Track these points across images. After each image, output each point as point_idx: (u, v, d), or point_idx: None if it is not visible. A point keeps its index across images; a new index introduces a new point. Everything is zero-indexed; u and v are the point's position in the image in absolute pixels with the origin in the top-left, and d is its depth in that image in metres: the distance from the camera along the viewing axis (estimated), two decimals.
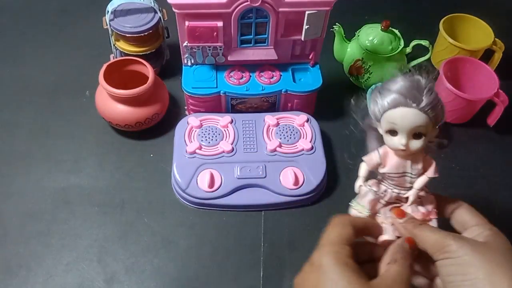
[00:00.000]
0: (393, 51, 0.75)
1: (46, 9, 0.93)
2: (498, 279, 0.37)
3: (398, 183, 0.44)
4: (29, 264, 0.59)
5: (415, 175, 0.43)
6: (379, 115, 0.41)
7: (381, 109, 0.41)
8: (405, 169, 0.43)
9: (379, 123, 0.42)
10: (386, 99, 0.40)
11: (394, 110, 0.40)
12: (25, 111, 0.75)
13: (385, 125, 0.41)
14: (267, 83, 0.69)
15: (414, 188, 0.43)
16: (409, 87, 0.39)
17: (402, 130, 0.40)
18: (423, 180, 0.43)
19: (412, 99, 0.39)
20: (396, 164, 0.43)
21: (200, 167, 0.64)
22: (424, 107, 0.39)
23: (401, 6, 0.97)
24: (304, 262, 0.60)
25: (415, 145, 0.41)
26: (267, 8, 0.61)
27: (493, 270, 0.37)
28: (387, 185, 0.44)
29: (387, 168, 0.43)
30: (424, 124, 0.40)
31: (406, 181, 0.43)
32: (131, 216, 0.63)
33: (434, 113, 0.40)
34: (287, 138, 0.67)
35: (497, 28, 0.80)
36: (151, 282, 0.58)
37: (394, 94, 0.40)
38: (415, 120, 0.39)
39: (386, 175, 0.44)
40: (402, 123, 0.40)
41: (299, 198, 0.64)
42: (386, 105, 0.40)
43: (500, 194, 0.68)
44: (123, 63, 0.71)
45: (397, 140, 0.41)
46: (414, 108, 0.39)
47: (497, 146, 0.74)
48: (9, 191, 0.65)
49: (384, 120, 0.41)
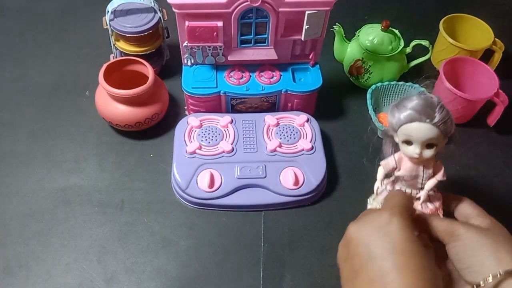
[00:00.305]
0: (393, 51, 0.75)
1: (46, 9, 0.93)
2: (503, 255, 0.41)
3: (410, 184, 0.50)
4: (29, 264, 0.59)
5: (427, 177, 0.49)
6: (396, 127, 0.47)
7: (398, 123, 0.46)
8: (418, 173, 0.49)
9: (395, 133, 0.48)
10: (403, 114, 0.46)
11: (410, 124, 0.46)
12: (25, 111, 0.75)
13: (402, 137, 0.47)
14: (267, 83, 0.69)
15: (425, 189, 0.50)
16: (423, 105, 0.45)
17: (416, 141, 0.46)
18: (433, 182, 0.50)
19: (426, 115, 0.45)
20: (410, 168, 0.49)
21: (200, 167, 0.64)
22: (436, 122, 0.45)
23: (401, 6, 0.97)
24: (304, 262, 0.60)
25: (427, 154, 0.47)
26: (267, 8, 0.61)
27: (498, 248, 0.42)
28: (401, 186, 0.51)
29: (401, 172, 0.49)
30: (436, 136, 0.46)
31: (418, 183, 0.50)
32: (131, 216, 0.63)
33: (445, 127, 0.46)
34: (287, 138, 0.67)
35: (497, 28, 0.80)
36: (151, 282, 0.58)
37: (410, 110, 0.45)
38: (428, 134, 0.45)
39: (401, 178, 0.50)
40: (417, 135, 0.46)
41: (299, 198, 0.64)
42: (403, 119, 0.46)
43: (500, 194, 0.68)
44: (123, 63, 0.71)
45: (412, 149, 0.47)
46: (428, 123, 0.45)
47: (497, 146, 0.74)
48: (9, 191, 0.65)
49: (400, 132, 0.47)
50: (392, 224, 0.41)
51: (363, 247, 0.41)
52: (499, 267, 0.41)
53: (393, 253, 0.40)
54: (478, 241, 0.43)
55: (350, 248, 0.43)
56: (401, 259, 0.39)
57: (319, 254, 0.60)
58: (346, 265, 0.43)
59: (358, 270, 0.41)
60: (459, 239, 0.44)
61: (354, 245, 0.42)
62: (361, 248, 0.42)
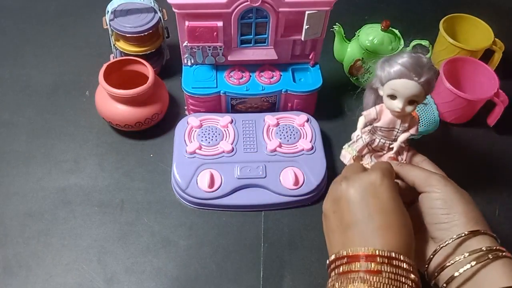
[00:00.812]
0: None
1: (46, 9, 0.93)
2: (471, 216, 0.45)
3: (386, 135, 0.55)
4: (29, 264, 0.59)
5: (401, 131, 0.54)
6: (384, 81, 0.50)
7: (387, 77, 0.49)
8: (395, 125, 0.54)
9: (382, 86, 0.51)
10: (393, 69, 0.49)
11: (399, 80, 0.49)
12: (25, 111, 0.75)
13: (388, 91, 0.50)
14: (267, 83, 0.69)
15: (398, 141, 0.54)
16: (414, 63, 0.48)
17: (401, 96, 0.50)
18: (406, 136, 0.54)
19: (415, 73, 0.48)
20: (388, 120, 0.54)
21: (200, 167, 0.64)
22: (422, 81, 0.48)
23: (401, 6, 0.97)
24: (304, 262, 0.60)
25: (409, 109, 0.51)
26: (267, 8, 0.61)
27: (469, 208, 0.45)
28: (377, 136, 0.56)
29: (380, 123, 0.54)
30: (419, 94, 0.49)
31: (393, 135, 0.55)
32: (131, 216, 0.63)
33: (429, 87, 0.50)
34: (287, 138, 0.67)
35: (497, 28, 0.80)
36: (151, 282, 0.58)
37: (400, 66, 0.48)
38: (413, 91, 0.49)
39: (378, 128, 0.55)
40: (403, 91, 0.49)
41: (299, 198, 0.64)
42: (393, 74, 0.49)
43: (500, 194, 0.68)
44: (123, 63, 0.71)
45: (395, 103, 0.50)
46: (415, 81, 0.48)
47: (497, 146, 0.74)
48: (9, 191, 0.65)
49: (387, 86, 0.50)
50: (382, 185, 0.45)
51: (355, 205, 0.45)
52: (466, 228, 0.45)
53: (383, 212, 0.44)
54: (454, 197, 0.46)
55: (340, 203, 0.46)
56: (390, 217, 0.44)
57: (319, 254, 0.60)
58: (335, 217, 0.47)
59: (349, 225, 0.45)
60: (436, 190, 0.47)
61: (345, 201, 0.46)
62: (352, 206, 0.45)
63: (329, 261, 0.46)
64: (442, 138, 0.74)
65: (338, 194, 0.47)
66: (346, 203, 0.46)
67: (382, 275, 0.41)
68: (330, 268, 0.46)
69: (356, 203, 0.45)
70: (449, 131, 0.75)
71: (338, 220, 0.46)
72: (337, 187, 0.47)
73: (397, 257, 0.42)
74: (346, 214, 0.46)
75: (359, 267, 0.42)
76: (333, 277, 0.44)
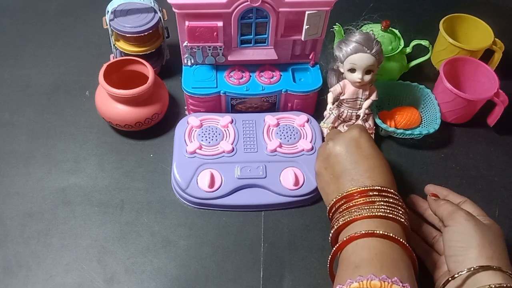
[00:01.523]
0: (393, 51, 0.75)
1: (46, 9, 0.93)
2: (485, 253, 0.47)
3: (352, 105, 0.67)
4: (29, 264, 0.59)
5: (364, 99, 0.66)
6: (343, 58, 0.62)
7: (346, 54, 0.62)
8: (358, 95, 0.66)
9: (342, 64, 0.63)
10: (350, 47, 0.61)
11: (356, 55, 0.61)
12: (25, 111, 0.75)
13: (347, 66, 0.63)
14: (267, 83, 0.69)
15: (363, 108, 0.67)
16: (365, 39, 0.61)
17: (359, 68, 0.62)
18: (368, 102, 0.67)
19: (367, 47, 0.61)
20: (352, 92, 0.66)
21: (200, 167, 0.64)
22: (374, 53, 0.61)
23: (401, 6, 0.97)
24: (304, 262, 0.60)
25: (367, 78, 0.63)
26: (267, 8, 0.61)
27: (484, 245, 0.48)
28: (344, 108, 0.68)
29: (346, 95, 0.66)
30: (374, 63, 0.62)
31: (357, 104, 0.67)
32: (131, 216, 0.63)
33: (379, 57, 0.62)
34: (287, 138, 0.67)
35: (497, 28, 0.80)
36: (151, 282, 0.58)
37: (355, 43, 0.61)
38: (368, 61, 0.61)
39: (345, 100, 0.67)
40: (360, 63, 0.62)
41: (299, 199, 0.64)
42: (350, 51, 0.61)
43: (500, 194, 0.68)
44: (123, 63, 0.71)
45: (356, 75, 0.63)
46: (368, 53, 0.61)
47: (497, 146, 0.74)
48: (9, 191, 0.65)
49: (347, 62, 0.62)
50: (362, 138, 0.55)
51: (342, 157, 0.54)
52: (478, 262, 0.47)
53: (366, 158, 0.53)
54: (473, 232, 0.49)
55: (330, 159, 0.55)
56: (373, 161, 0.53)
57: (319, 254, 0.60)
58: (327, 171, 0.56)
59: (340, 174, 0.54)
60: (458, 223, 0.51)
61: (334, 156, 0.55)
62: (340, 158, 0.54)
63: (329, 207, 0.54)
64: (442, 138, 0.74)
65: (327, 152, 0.56)
66: (334, 157, 0.55)
67: (376, 204, 0.50)
68: (330, 214, 0.54)
69: (343, 155, 0.54)
70: (449, 131, 0.75)
71: (330, 173, 0.55)
72: (325, 147, 0.57)
73: (385, 189, 0.51)
74: (336, 167, 0.54)
75: (355, 202, 0.51)
76: (334, 219, 0.53)
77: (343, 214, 0.51)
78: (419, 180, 0.68)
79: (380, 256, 0.46)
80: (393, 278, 0.43)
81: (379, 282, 0.42)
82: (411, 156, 0.72)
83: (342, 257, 0.49)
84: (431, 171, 0.70)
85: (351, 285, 0.43)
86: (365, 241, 0.48)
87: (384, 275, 0.43)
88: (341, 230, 0.52)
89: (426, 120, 0.74)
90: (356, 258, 0.47)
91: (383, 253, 0.46)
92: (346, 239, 0.49)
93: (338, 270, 0.49)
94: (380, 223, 0.49)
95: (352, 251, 0.48)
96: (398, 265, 0.45)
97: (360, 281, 0.43)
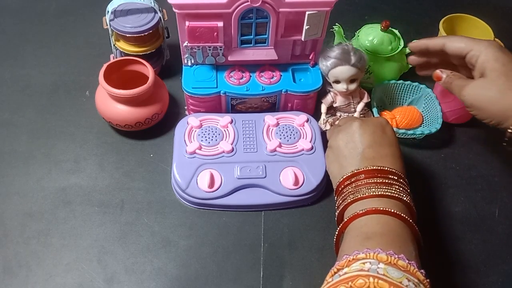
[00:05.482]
0: (393, 51, 0.75)
1: (46, 9, 0.93)
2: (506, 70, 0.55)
3: (346, 110, 0.70)
4: (29, 264, 0.59)
5: (356, 102, 0.69)
6: (326, 72, 0.67)
7: (326, 69, 0.66)
8: (349, 101, 0.69)
9: (327, 76, 0.67)
10: (329, 62, 0.65)
11: (335, 69, 0.65)
12: (25, 111, 0.75)
13: (331, 78, 0.67)
14: (267, 83, 0.69)
15: (357, 111, 0.70)
16: (341, 53, 0.64)
17: (342, 80, 0.66)
18: (361, 105, 0.70)
19: (344, 60, 0.64)
20: (342, 99, 0.69)
21: (200, 167, 0.64)
22: (353, 63, 0.64)
23: (401, 6, 0.97)
24: (304, 262, 0.60)
25: (352, 87, 0.67)
26: (267, 8, 0.61)
27: None
28: (340, 113, 0.71)
29: (338, 103, 0.70)
30: (356, 73, 0.65)
31: (351, 108, 0.70)
32: (131, 216, 0.63)
33: (361, 65, 0.65)
34: (287, 138, 0.67)
35: (497, 28, 0.80)
36: (151, 282, 0.58)
37: (332, 59, 0.65)
38: (349, 73, 0.65)
39: (338, 108, 0.70)
40: (342, 76, 0.65)
41: (299, 198, 0.64)
42: (330, 66, 0.65)
43: (500, 194, 0.68)
44: (123, 63, 0.71)
45: (340, 86, 0.67)
46: (347, 65, 0.64)
47: (497, 146, 0.74)
48: (9, 191, 0.65)
49: (330, 75, 0.66)
50: (388, 126, 0.59)
51: (369, 135, 0.57)
52: None
53: (389, 144, 0.57)
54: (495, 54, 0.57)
55: (354, 136, 0.57)
56: (395, 150, 0.57)
57: (319, 254, 0.61)
58: (347, 146, 0.57)
59: (363, 150, 0.56)
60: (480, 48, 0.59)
61: (359, 135, 0.57)
62: (366, 136, 0.57)
63: (343, 178, 0.56)
64: (443, 138, 0.74)
65: (352, 129, 0.58)
66: (359, 135, 0.57)
67: (394, 186, 0.53)
68: (342, 185, 0.56)
69: (369, 134, 0.57)
70: (450, 131, 0.75)
71: (352, 148, 0.57)
72: (349, 126, 0.59)
73: (402, 176, 0.54)
74: (359, 144, 0.56)
75: (375, 180, 0.53)
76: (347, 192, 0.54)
77: (360, 189, 0.53)
78: (419, 180, 0.68)
79: (393, 233, 0.48)
80: (400, 254, 0.44)
81: (385, 256, 0.44)
82: (411, 156, 0.72)
83: (352, 227, 0.51)
84: (431, 170, 0.70)
85: (358, 255, 0.45)
86: (380, 217, 0.50)
87: (392, 250, 0.44)
88: (354, 203, 0.53)
89: (427, 120, 0.74)
90: (368, 230, 0.49)
91: (396, 231, 0.49)
92: (362, 211, 0.51)
93: (346, 238, 0.50)
94: (395, 204, 0.51)
95: (365, 223, 0.50)
96: (408, 244, 0.47)
97: (368, 253, 0.44)
